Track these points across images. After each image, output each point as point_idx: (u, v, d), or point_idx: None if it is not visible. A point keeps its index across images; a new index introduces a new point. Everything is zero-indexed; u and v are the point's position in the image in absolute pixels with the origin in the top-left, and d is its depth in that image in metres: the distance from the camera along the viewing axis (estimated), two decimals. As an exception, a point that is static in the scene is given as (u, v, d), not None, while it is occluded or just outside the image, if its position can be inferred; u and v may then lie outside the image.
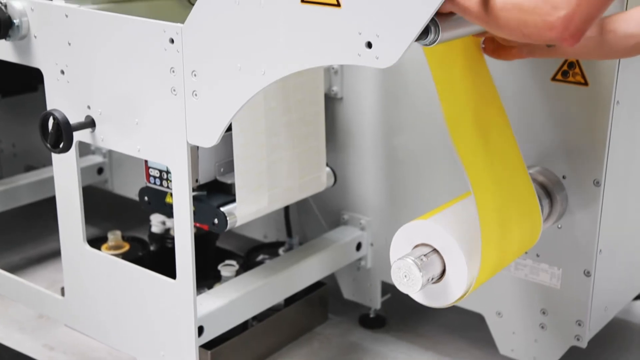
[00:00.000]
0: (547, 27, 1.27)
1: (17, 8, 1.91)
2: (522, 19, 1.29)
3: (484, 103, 1.69)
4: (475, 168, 1.58)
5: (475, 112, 1.65)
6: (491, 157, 1.66)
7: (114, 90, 1.81)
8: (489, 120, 1.70)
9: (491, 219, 1.59)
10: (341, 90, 2.29)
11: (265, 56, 1.54)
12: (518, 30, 1.31)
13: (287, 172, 2.10)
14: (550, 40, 1.30)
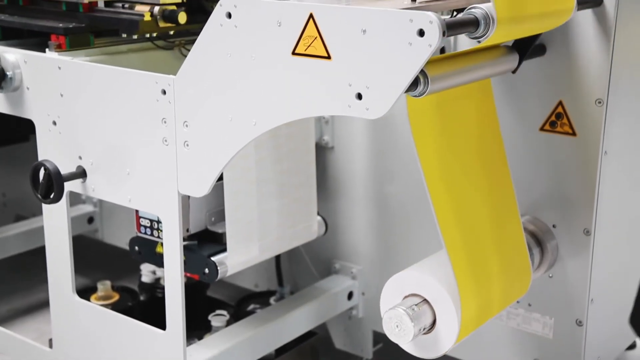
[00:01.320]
0: None
1: (10, 60, 1.93)
2: None
3: (469, 153, 1.70)
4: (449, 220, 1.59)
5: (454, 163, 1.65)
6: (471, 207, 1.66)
7: (105, 140, 1.82)
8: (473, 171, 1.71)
9: (465, 271, 1.59)
10: (332, 139, 2.30)
11: (256, 107, 1.55)
12: None
13: (278, 221, 2.10)
14: None
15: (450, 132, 1.65)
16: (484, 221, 1.69)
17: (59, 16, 1.99)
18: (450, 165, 1.62)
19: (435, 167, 1.58)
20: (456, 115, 1.68)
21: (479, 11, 1.38)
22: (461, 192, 1.64)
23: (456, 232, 1.59)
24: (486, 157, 1.76)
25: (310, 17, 1.42)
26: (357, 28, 1.37)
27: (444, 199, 1.58)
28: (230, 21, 1.54)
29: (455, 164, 1.64)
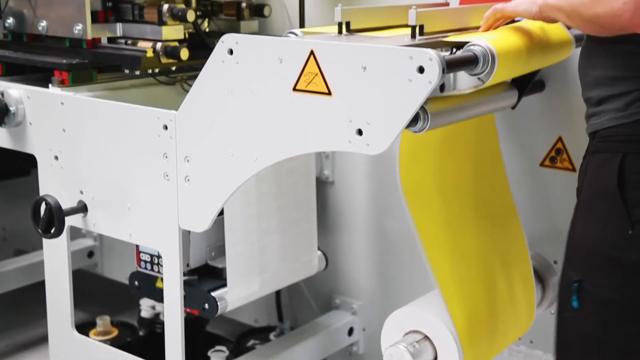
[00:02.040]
0: (615, 14, 1.25)
1: (14, 96, 1.94)
2: (594, 11, 1.28)
3: (467, 188, 1.71)
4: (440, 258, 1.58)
5: (449, 200, 1.65)
6: (469, 243, 1.66)
7: (107, 175, 1.83)
8: (472, 209, 1.71)
9: (461, 309, 1.58)
10: (332, 174, 2.31)
11: (257, 143, 1.56)
12: (593, 23, 1.30)
13: (279, 256, 2.09)
14: (622, 29, 1.27)
15: (448, 167, 1.65)
16: (485, 257, 1.68)
17: (62, 52, 2.01)
18: (443, 203, 1.63)
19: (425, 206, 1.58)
20: (456, 150, 1.68)
21: (478, 48, 1.39)
22: (456, 227, 1.64)
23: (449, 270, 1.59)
24: (488, 192, 1.76)
25: (311, 53, 1.44)
26: (357, 65, 1.38)
27: (434, 235, 1.58)
28: (232, 57, 1.55)
29: (451, 201, 1.64)
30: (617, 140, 1.37)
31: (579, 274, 1.40)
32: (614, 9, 1.25)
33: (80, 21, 1.94)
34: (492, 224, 1.74)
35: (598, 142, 1.40)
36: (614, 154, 1.36)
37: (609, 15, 1.26)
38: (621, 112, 1.36)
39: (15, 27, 2.07)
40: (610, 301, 1.36)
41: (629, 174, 1.34)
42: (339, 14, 1.57)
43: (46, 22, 2.01)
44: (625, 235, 1.33)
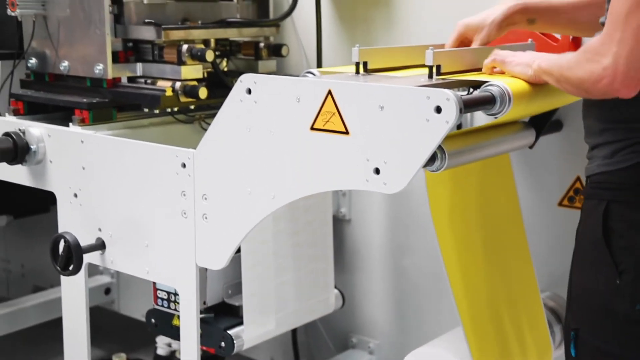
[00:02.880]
0: (596, 79, 1.25)
1: (35, 134, 1.97)
2: (578, 76, 1.29)
3: (487, 226, 1.70)
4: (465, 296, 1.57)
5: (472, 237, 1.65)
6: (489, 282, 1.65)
7: (125, 213, 1.84)
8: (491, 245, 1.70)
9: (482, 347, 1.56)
10: (349, 212, 2.31)
11: (275, 181, 1.57)
12: (577, 87, 1.31)
13: (295, 294, 2.09)
14: (605, 94, 1.27)
15: (468, 206, 1.65)
16: (502, 296, 1.67)
17: (83, 91, 2.04)
18: (467, 240, 1.62)
19: (452, 241, 1.58)
20: (474, 189, 1.68)
21: (495, 88, 1.40)
22: (479, 267, 1.63)
23: (472, 308, 1.58)
24: (504, 231, 1.76)
25: (328, 93, 1.45)
26: (374, 104, 1.39)
27: (460, 274, 1.58)
28: (250, 97, 1.57)
29: (473, 238, 1.64)
30: (603, 188, 1.38)
31: (576, 322, 1.40)
32: (594, 74, 1.25)
33: (101, 61, 1.98)
34: (509, 262, 1.73)
35: (589, 187, 1.42)
36: (600, 202, 1.37)
37: (591, 80, 1.27)
38: (607, 159, 1.38)
39: (37, 67, 2.11)
40: (604, 351, 1.35)
41: (613, 222, 1.34)
42: (357, 54, 1.58)
43: (68, 62, 2.04)
44: (614, 285, 1.33)
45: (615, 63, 1.22)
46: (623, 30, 1.21)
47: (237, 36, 2.26)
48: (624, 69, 1.22)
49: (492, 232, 1.71)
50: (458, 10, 1.93)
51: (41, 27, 2.07)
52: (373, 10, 2.23)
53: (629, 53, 1.21)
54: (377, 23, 2.22)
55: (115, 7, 2.01)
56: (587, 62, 1.27)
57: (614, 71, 1.23)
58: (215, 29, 2.15)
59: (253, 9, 2.33)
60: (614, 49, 1.22)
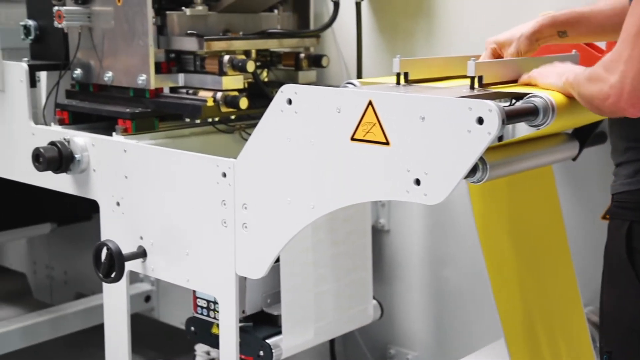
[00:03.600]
0: (604, 96, 1.24)
1: (79, 143, 2.00)
2: (590, 91, 1.28)
3: (530, 239, 1.69)
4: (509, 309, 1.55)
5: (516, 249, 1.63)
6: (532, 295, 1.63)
7: (166, 221, 1.86)
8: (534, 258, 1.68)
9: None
10: (388, 222, 2.30)
11: (314, 191, 1.57)
12: (589, 104, 1.30)
13: (334, 304, 2.09)
14: (613, 112, 1.26)
15: (512, 217, 1.63)
16: (545, 310, 1.65)
17: (126, 102, 2.08)
18: (511, 253, 1.61)
19: (495, 253, 1.57)
20: (516, 202, 1.67)
21: (538, 100, 1.39)
22: (522, 279, 1.61)
23: (515, 321, 1.56)
24: (547, 243, 1.73)
25: (369, 104, 1.45)
26: (415, 115, 1.38)
27: (503, 286, 1.56)
28: (290, 107, 1.58)
29: (516, 250, 1.62)
30: (625, 207, 1.36)
31: (607, 344, 1.37)
32: (602, 92, 1.25)
33: (144, 72, 2.01)
34: (546, 276, 1.71)
35: (613, 206, 1.40)
36: (623, 222, 1.36)
37: (600, 98, 1.26)
38: (630, 178, 1.36)
39: (82, 77, 2.15)
40: None
41: (636, 242, 1.32)
42: (397, 65, 1.58)
43: (112, 73, 2.08)
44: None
45: (622, 82, 1.21)
46: (632, 49, 1.20)
47: (278, 47, 2.28)
48: (630, 88, 1.21)
49: (535, 244, 1.69)
50: (499, 21, 1.92)
51: (86, 39, 2.11)
52: (414, 21, 2.22)
53: (636, 72, 1.20)
54: (418, 34, 2.22)
55: (159, 18, 2.05)
56: (596, 79, 1.26)
57: (620, 90, 1.22)
58: (256, 40, 2.17)
59: (294, 20, 2.35)
60: (621, 67, 1.21)
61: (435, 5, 2.18)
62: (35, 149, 2.00)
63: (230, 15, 2.18)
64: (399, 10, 2.26)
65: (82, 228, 3.10)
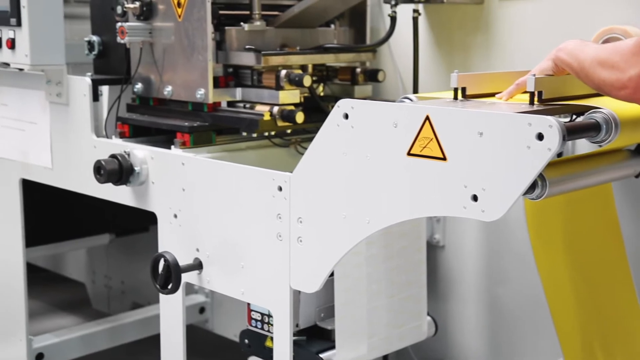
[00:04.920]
0: (620, 86, 1.24)
1: (139, 156, 2.04)
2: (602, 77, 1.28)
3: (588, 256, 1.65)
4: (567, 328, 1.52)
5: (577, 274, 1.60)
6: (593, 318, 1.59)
7: (222, 234, 1.88)
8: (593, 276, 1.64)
9: None
10: (443, 238, 2.28)
11: (370, 206, 1.57)
12: (598, 87, 1.31)
13: (387, 319, 2.07)
14: (624, 100, 1.26)
15: (569, 235, 1.60)
16: (605, 329, 1.61)
17: (184, 115, 2.11)
18: (568, 271, 1.57)
19: (552, 271, 1.54)
20: (575, 219, 1.64)
21: (600, 115, 1.36)
22: (580, 298, 1.58)
23: (574, 341, 1.53)
24: (606, 262, 1.69)
25: (426, 119, 1.44)
26: (473, 130, 1.37)
27: (562, 305, 1.53)
28: (347, 122, 1.58)
29: (574, 268, 1.59)
30: None
31: None
32: (620, 81, 1.24)
33: (202, 86, 2.04)
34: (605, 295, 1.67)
35: None
36: None
37: (615, 86, 1.25)
38: None
39: (143, 91, 2.19)
40: None
41: None
42: (455, 80, 1.57)
43: (171, 87, 2.12)
44: None
45: None
46: None
47: (334, 61, 2.29)
48: None
49: (593, 262, 1.65)
50: (559, 35, 1.89)
51: (147, 54, 2.15)
52: (471, 35, 2.21)
53: None
54: (476, 48, 2.20)
55: (218, 34, 2.08)
56: (612, 66, 1.26)
57: (637, 83, 1.22)
58: (313, 55, 2.19)
59: (350, 34, 2.36)
60: None
61: (494, 19, 2.16)
62: (97, 161, 2.04)
63: (287, 30, 2.20)
64: (456, 25, 2.25)
65: (139, 239, 3.16)
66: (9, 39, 2.16)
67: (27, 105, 2.36)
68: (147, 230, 3.06)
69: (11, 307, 2.57)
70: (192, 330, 2.93)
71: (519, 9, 2.12)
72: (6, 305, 2.59)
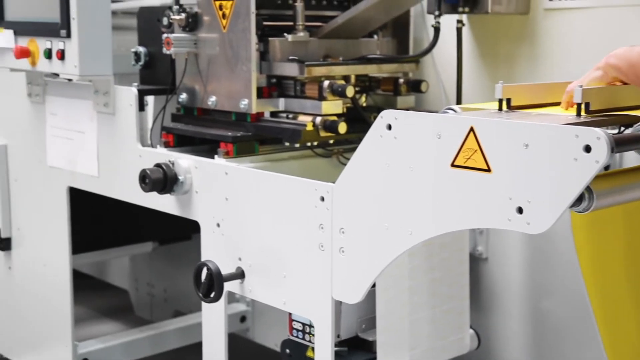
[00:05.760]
0: None
1: (183, 166, 2.07)
2: None
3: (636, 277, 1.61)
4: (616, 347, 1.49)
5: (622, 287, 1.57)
6: None
7: (264, 243, 1.89)
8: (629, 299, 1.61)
9: None
10: (486, 250, 2.26)
11: (413, 217, 1.56)
12: None
13: (429, 332, 2.06)
14: None
15: (616, 249, 1.57)
16: None
17: (228, 125, 2.13)
18: (615, 286, 1.54)
19: (599, 286, 1.51)
20: (622, 232, 1.60)
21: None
22: (629, 314, 1.54)
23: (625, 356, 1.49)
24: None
25: (470, 130, 1.43)
26: (519, 142, 1.36)
27: (609, 321, 1.50)
28: (390, 132, 1.58)
29: (622, 284, 1.56)
30: None
31: None
32: None
33: (246, 96, 2.06)
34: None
35: None
36: None
37: None
38: None
39: (187, 102, 2.22)
40: None
41: None
42: (500, 91, 1.56)
43: (215, 98, 2.14)
44: None
45: None
46: None
47: (377, 72, 2.29)
48: None
49: None
50: (606, 45, 1.86)
51: (192, 65, 2.18)
52: (516, 46, 2.19)
53: None
54: (521, 59, 2.18)
55: (261, 44, 2.10)
56: None
57: None
58: (356, 65, 2.19)
59: (393, 45, 2.36)
60: None
61: (539, 29, 2.14)
62: (142, 170, 2.07)
63: (330, 41, 2.21)
64: (500, 35, 2.23)
65: (182, 247, 3.19)
66: (59, 50, 2.21)
67: (76, 114, 2.41)
68: (189, 239, 3.09)
69: (58, 313, 2.61)
70: (233, 338, 2.94)
71: (565, 19, 2.10)
72: (53, 311, 2.64)
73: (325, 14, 2.26)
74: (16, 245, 2.77)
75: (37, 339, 2.75)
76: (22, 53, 2.31)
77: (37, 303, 2.71)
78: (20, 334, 2.84)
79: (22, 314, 2.81)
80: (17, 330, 2.85)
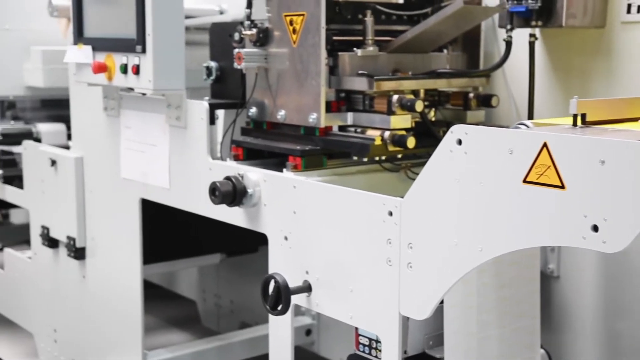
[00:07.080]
0: None
1: (252, 179, 2.09)
2: None
3: None
4: None
5: None
6: None
7: (332, 257, 1.89)
8: None
9: None
10: (558, 268, 2.21)
11: (483, 234, 1.54)
12: None
13: (498, 350, 2.01)
14: None
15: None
16: None
17: (297, 139, 2.15)
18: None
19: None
20: None
21: None
22: None
23: None
24: None
25: (544, 146, 1.41)
26: (594, 158, 1.33)
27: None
28: (460, 147, 1.56)
29: None
30: None
31: None
32: None
33: (315, 110, 2.07)
34: None
35: None
36: None
37: None
38: None
39: (257, 115, 2.25)
40: None
41: None
42: (575, 106, 1.53)
43: (284, 112, 2.16)
44: None
45: None
46: None
47: (447, 87, 2.27)
48: None
49: None
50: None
51: (262, 79, 2.21)
52: (591, 60, 2.14)
53: None
54: (596, 73, 2.13)
55: (331, 59, 2.11)
56: None
57: None
58: (425, 80, 2.18)
59: (463, 59, 2.34)
60: None
61: (615, 43, 2.09)
62: (212, 183, 2.10)
63: (399, 55, 2.20)
64: (575, 49, 2.19)
65: (249, 259, 3.22)
66: (134, 65, 2.27)
67: (149, 128, 2.47)
68: (256, 251, 3.12)
69: (129, 322, 2.67)
70: (299, 351, 2.95)
71: (642, 32, 2.05)
72: (124, 319, 2.69)
73: (394, 29, 2.25)
74: (90, 255, 2.84)
75: (108, 347, 2.82)
76: (99, 68, 2.39)
77: (109, 311, 2.78)
78: (92, 341, 2.91)
79: (94, 321, 2.88)
80: (89, 337, 2.93)
